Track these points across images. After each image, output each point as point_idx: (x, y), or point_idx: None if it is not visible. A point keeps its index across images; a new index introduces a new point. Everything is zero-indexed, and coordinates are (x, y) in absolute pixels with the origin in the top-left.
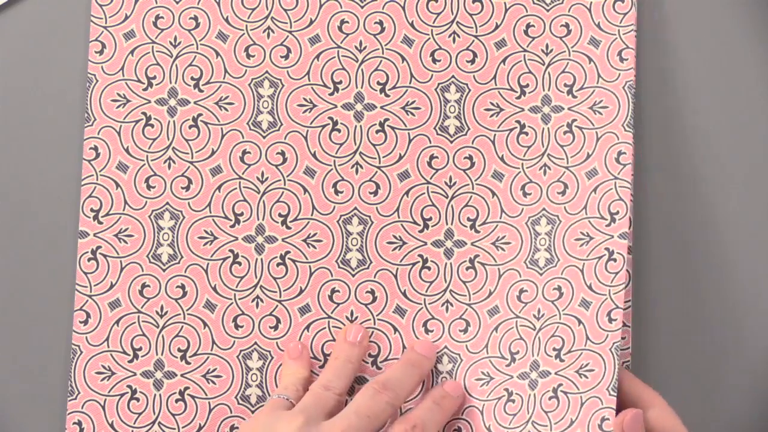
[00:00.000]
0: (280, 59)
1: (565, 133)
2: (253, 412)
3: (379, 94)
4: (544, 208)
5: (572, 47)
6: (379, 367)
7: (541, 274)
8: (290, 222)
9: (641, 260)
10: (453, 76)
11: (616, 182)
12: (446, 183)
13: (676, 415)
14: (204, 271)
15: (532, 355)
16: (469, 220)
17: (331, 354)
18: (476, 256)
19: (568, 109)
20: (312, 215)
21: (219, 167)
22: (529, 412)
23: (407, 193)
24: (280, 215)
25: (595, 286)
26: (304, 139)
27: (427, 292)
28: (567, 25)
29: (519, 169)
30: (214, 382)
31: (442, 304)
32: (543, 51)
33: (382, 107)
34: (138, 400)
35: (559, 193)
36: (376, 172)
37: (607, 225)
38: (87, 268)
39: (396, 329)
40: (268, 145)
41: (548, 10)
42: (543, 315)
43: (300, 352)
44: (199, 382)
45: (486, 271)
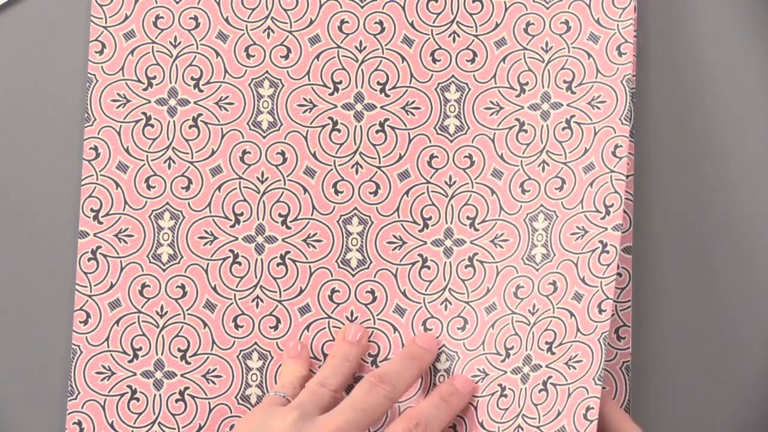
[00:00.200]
0: (280, 59)
1: (564, 129)
2: None
3: (379, 94)
4: (541, 204)
5: (571, 44)
6: (379, 367)
7: (537, 270)
8: (290, 222)
9: (641, 260)
10: (453, 76)
11: (611, 175)
12: (446, 182)
13: None
14: (204, 271)
15: (526, 350)
16: (468, 218)
17: (330, 353)
18: (475, 254)
19: (567, 105)
20: (312, 215)
21: (219, 167)
22: (520, 406)
23: (407, 193)
24: (280, 215)
25: (588, 279)
26: (304, 139)
27: (426, 291)
28: (566, 22)
29: (518, 166)
30: (214, 382)
31: (441, 303)
32: (542, 48)
33: (382, 107)
34: (138, 400)
35: (556, 189)
36: (376, 172)
37: (602, 218)
38: (87, 268)
39: (396, 329)
40: (268, 145)
41: (548, 8)
42: (537, 310)
43: (299, 351)
44: (199, 382)
45: (484, 269)
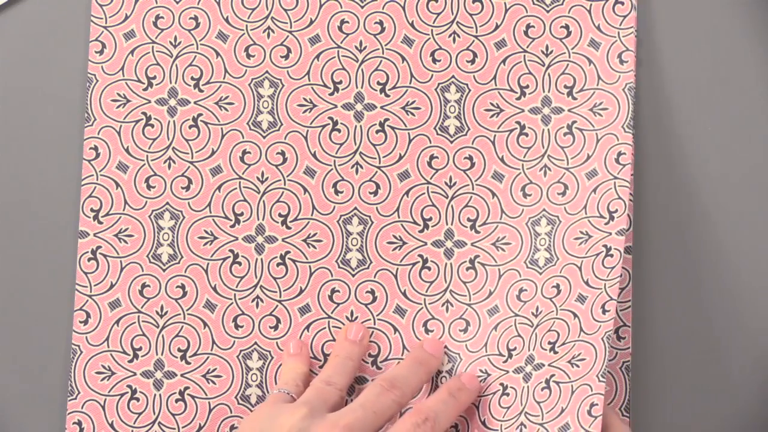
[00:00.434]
0: (280, 59)
1: (565, 134)
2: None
3: (379, 94)
4: (544, 209)
5: (572, 49)
6: (379, 367)
7: (541, 274)
8: (290, 222)
9: (641, 260)
10: (453, 76)
11: (615, 182)
12: (446, 183)
13: None
14: (204, 271)
15: (528, 350)
16: (469, 220)
17: (332, 352)
18: (476, 257)
19: (568, 110)
20: (312, 215)
21: (219, 167)
22: (522, 404)
23: (407, 193)
24: (280, 215)
25: (591, 282)
26: (304, 139)
27: (427, 292)
28: (567, 27)
29: (519, 170)
30: (214, 382)
31: (443, 304)
32: (543, 52)
33: (382, 107)
34: (138, 400)
35: (559, 194)
36: (376, 172)
37: (606, 223)
38: (87, 268)
39: (396, 329)
40: (268, 145)
41: (548, 11)
42: (541, 312)
43: (299, 349)
44: (199, 382)
45: (486, 272)
